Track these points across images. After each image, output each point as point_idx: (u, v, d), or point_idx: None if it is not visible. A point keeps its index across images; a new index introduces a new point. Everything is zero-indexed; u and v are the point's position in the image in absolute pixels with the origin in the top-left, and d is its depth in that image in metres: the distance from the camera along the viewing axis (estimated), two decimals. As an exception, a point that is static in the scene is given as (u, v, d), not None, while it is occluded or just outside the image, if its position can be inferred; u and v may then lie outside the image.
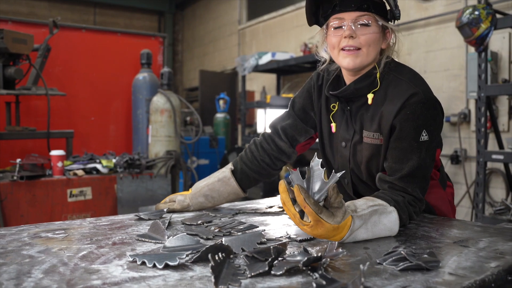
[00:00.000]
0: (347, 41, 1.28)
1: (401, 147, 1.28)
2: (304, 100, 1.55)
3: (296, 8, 6.79)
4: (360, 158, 1.40)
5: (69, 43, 3.96)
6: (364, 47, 1.29)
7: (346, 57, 1.30)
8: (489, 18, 3.20)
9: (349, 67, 1.32)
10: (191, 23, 10.10)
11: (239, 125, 8.19)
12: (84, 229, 1.26)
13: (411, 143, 1.27)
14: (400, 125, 1.27)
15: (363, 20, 1.27)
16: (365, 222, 1.13)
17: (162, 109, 3.52)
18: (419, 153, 1.26)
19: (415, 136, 1.26)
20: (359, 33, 1.27)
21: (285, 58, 5.95)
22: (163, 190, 3.40)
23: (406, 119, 1.27)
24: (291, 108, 1.58)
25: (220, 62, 8.89)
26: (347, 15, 1.28)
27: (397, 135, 1.29)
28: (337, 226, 1.06)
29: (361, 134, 1.38)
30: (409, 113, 1.26)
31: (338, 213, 1.06)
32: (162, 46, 4.27)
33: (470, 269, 0.93)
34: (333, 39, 1.31)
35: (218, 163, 6.24)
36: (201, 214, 1.47)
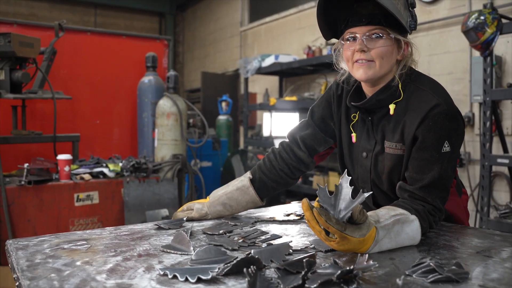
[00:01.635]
0: (359, 55, 1.30)
1: (423, 158, 1.29)
2: (323, 110, 1.56)
3: (299, 11, 6.79)
4: (381, 169, 1.41)
5: (74, 46, 3.96)
6: (377, 60, 1.30)
7: (359, 69, 1.32)
8: (494, 23, 3.21)
9: (362, 79, 1.34)
10: (192, 25, 10.09)
11: (241, 127, 8.19)
12: (105, 240, 1.25)
13: (433, 154, 1.27)
14: (423, 136, 1.28)
15: (375, 33, 1.29)
16: (388, 232, 1.14)
17: (169, 113, 3.52)
18: (440, 164, 1.27)
19: (437, 147, 1.27)
20: (371, 46, 1.29)
21: (289, 60, 5.96)
22: (169, 194, 3.40)
23: (429, 130, 1.28)
24: (310, 117, 1.58)
25: (221, 64, 8.89)
26: (358, 29, 1.30)
27: (419, 145, 1.30)
28: (362, 239, 1.07)
29: (383, 144, 1.39)
30: (431, 124, 1.27)
31: (363, 226, 1.07)
32: (167, 49, 4.27)
33: (499, 281, 0.94)
34: (347, 53, 1.34)
35: (220, 166, 6.24)
36: (220, 223, 1.48)
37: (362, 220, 1.07)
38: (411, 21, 1.31)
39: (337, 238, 1.05)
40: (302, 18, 6.76)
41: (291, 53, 6.45)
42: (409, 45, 1.35)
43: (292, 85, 6.71)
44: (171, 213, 3.38)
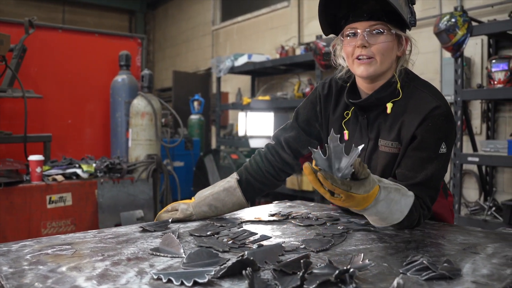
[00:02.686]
0: (360, 51, 1.30)
1: (419, 157, 1.31)
2: (308, 112, 1.56)
3: (271, 10, 6.81)
4: (374, 167, 1.42)
5: (44, 43, 3.83)
6: (378, 56, 1.30)
7: (360, 65, 1.32)
8: (465, 25, 3.31)
9: (363, 76, 1.34)
10: (163, 23, 9.96)
11: (212, 127, 8.14)
12: (90, 244, 1.21)
13: (430, 154, 1.30)
14: (422, 136, 1.31)
15: (376, 29, 1.29)
16: (388, 195, 1.16)
17: (143, 112, 3.46)
18: (436, 165, 1.30)
19: (435, 147, 1.30)
20: (372, 42, 1.29)
21: (262, 60, 5.97)
22: (144, 194, 3.34)
23: (428, 131, 1.30)
24: (295, 119, 1.58)
25: (193, 63, 8.81)
26: (359, 24, 1.30)
27: (416, 145, 1.32)
28: (366, 195, 1.09)
29: (377, 142, 1.40)
30: (431, 125, 1.30)
31: (366, 182, 1.08)
32: (141, 47, 4.19)
33: (489, 277, 0.96)
34: (348, 48, 1.34)
35: (193, 166, 6.19)
36: (206, 224, 1.46)
37: (364, 173, 1.07)
38: (411, 17, 1.32)
39: (342, 197, 1.06)
40: (275, 18, 6.77)
41: (263, 53, 6.46)
42: (408, 41, 1.37)
43: (264, 84, 6.72)
44: (146, 214, 3.32)
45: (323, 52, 4.69)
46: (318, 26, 5.04)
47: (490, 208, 3.46)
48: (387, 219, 1.22)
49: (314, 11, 6.04)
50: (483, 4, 4.01)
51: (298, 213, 1.66)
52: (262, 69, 6.16)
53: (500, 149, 3.37)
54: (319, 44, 4.68)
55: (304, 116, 1.57)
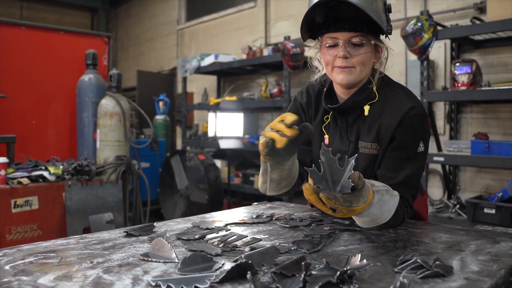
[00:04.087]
0: (341, 61, 1.32)
1: (399, 157, 1.34)
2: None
3: (238, 10, 6.80)
4: (355, 169, 1.44)
5: (6, 40, 3.66)
6: (358, 66, 1.33)
7: (340, 74, 1.34)
8: (431, 29, 3.42)
9: (342, 84, 1.37)
10: (126, 22, 9.74)
11: (177, 127, 8.04)
12: (75, 250, 1.17)
13: (409, 154, 1.34)
14: (400, 137, 1.34)
15: (357, 40, 1.31)
16: (380, 198, 1.19)
17: (112, 113, 3.38)
18: (415, 163, 1.34)
19: (414, 147, 1.34)
20: (353, 53, 1.32)
21: (229, 60, 5.95)
22: (114, 197, 3.26)
23: (406, 131, 1.33)
24: None
25: (157, 63, 8.67)
26: (340, 35, 1.32)
27: (396, 145, 1.35)
28: (365, 205, 1.12)
29: (357, 144, 1.43)
30: (408, 126, 1.33)
31: (364, 192, 1.11)
32: (107, 46, 4.08)
33: (479, 273, 0.99)
34: (328, 57, 1.36)
35: (159, 167, 6.09)
36: (191, 228, 1.43)
37: (361, 183, 1.10)
38: (387, 25, 1.36)
39: (344, 212, 1.09)
40: (241, 18, 6.77)
41: (229, 53, 6.44)
42: (383, 49, 1.39)
43: (230, 85, 6.70)
44: (116, 217, 3.24)
45: (292, 53, 4.72)
46: (285, 27, 5.11)
47: (454, 206, 3.59)
48: (377, 220, 1.25)
49: (281, 12, 6.08)
50: (445, 9, 4.15)
51: (281, 214, 1.67)
52: (228, 70, 6.14)
53: (463, 149, 3.51)
54: (287, 45, 4.71)
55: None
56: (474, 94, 3.28)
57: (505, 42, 3.70)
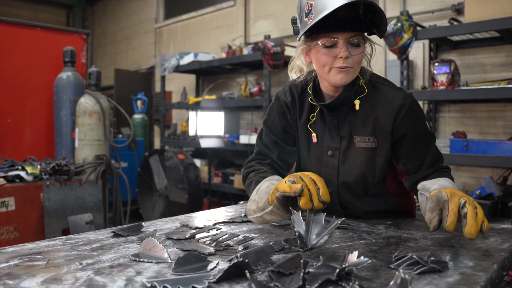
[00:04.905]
0: (342, 62, 1.30)
1: (420, 146, 1.41)
2: (280, 122, 1.55)
3: (217, 9, 6.76)
4: (351, 164, 1.44)
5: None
6: (355, 66, 1.33)
7: (338, 74, 1.32)
8: (410, 30, 3.47)
9: (341, 84, 1.35)
10: (103, 19, 9.57)
11: (155, 126, 7.95)
12: (62, 252, 1.13)
13: (426, 137, 1.42)
14: (412, 128, 1.39)
15: (355, 40, 1.30)
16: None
17: (91, 111, 3.30)
18: (432, 142, 1.44)
19: (426, 130, 1.42)
20: (353, 53, 1.30)
21: (208, 59, 5.91)
22: (93, 197, 3.19)
23: (414, 121, 1.39)
24: (273, 135, 1.56)
25: (134, 61, 8.55)
26: (340, 35, 1.29)
27: (413, 139, 1.40)
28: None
29: (351, 140, 1.43)
30: (413, 115, 1.38)
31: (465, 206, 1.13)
32: (86, 43, 3.99)
33: (473, 268, 1.00)
34: (325, 58, 1.32)
35: (137, 166, 6.01)
36: (180, 227, 1.41)
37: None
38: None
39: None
40: (220, 17, 6.73)
41: (208, 52, 6.40)
42: (369, 45, 1.40)
43: (209, 84, 6.66)
44: (95, 218, 3.18)
45: (272, 52, 4.72)
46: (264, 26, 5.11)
47: (433, 203, 3.64)
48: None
49: (260, 11, 6.07)
50: (424, 10, 4.22)
51: (269, 212, 1.65)
52: (208, 68, 6.11)
53: (442, 147, 3.56)
54: (267, 44, 4.70)
55: (278, 127, 1.55)
56: (453, 94, 3.34)
57: (482, 43, 3.79)
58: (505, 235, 1.31)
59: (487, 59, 3.81)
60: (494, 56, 3.78)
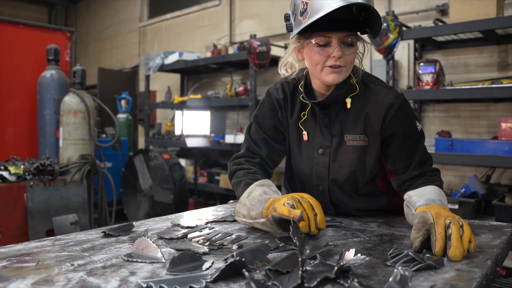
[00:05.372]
0: (335, 61, 1.30)
1: (408, 145, 1.40)
2: (270, 119, 1.54)
3: (202, 8, 6.72)
4: (342, 162, 1.44)
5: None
6: (347, 65, 1.33)
7: (331, 73, 1.32)
8: (396, 30, 3.49)
9: (333, 83, 1.35)
10: (86, 18, 9.43)
11: (139, 126, 7.88)
12: (51, 253, 1.10)
13: (415, 137, 1.41)
14: (401, 128, 1.39)
15: (349, 40, 1.30)
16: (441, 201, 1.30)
17: (76, 110, 3.25)
18: (421, 142, 1.43)
19: (415, 130, 1.41)
20: (346, 53, 1.30)
21: (193, 58, 5.87)
22: (78, 197, 3.13)
23: (402, 121, 1.38)
24: (260, 131, 1.54)
25: (118, 60, 8.45)
26: (334, 35, 1.28)
27: (401, 138, 1.40)
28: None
29: (342, 138, 1.43)
30: (402, 115, 1.38)
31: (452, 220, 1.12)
32: (70, 41, 3.92)
33: (468, 264, 1.01)
34: (318, 57, 1.32)
35: (122, 166, 5.94)
36: (172, 226, 1.39)
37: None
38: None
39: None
40: (205, 16, 6.70)
41: (193, 51, 6.37)
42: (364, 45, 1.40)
43: (194, 83, 6.63)
44: (80, 218, 3.12)
45: (258, 51, 4.71)
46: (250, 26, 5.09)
47: (418, 201, 3.67)
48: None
49: (246, 11, 6.06)
50: (409, 10, 4.26)
51: (260, 211, 1.64)
52: (192, 68, 6.07)
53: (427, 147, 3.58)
54: (253, 44, 4.69)
55: (268, 124, 1.54)
56: (438, 93, 3.37)
57: (466, 43, 3.84)
58: (496, 231, 1.32)
59: (471, 60, 3.87)
60: (477, 56, 3.84)
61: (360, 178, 1.46)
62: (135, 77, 8.07)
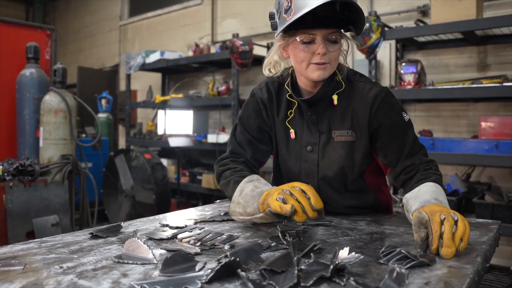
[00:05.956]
0: (320, 58, 1.31)
1: (396, 136, 1.41)
2: (255, 119, 1.54)
3: (184, 7, 6.67)
4: (330, 159, 1.45)
5: None
6: (332, 62, 1.35)
7: (316, 70, 1.34)
8: (379, 30, 3.53)
9: (317, 80, 1.36)
10: (65, 16, 9.26)
11: (120, 126, 7.78)
12: (39, 255, 1.07)
13: (402, 127, 1.42)
14: (387, 120, 1.40)
15: (333, 37, 1.31)
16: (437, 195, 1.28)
17: (57, 109, 3.18)
18: (410, 131, 1.43)
19: (401, 120, 1.42)
20: (331, 50, 1.32)
21: (175, 57, 5.83)
22: (60, 198, 3.07)
23: (387, 112, 1.40)
24: (247, 133, 1.54)
25: (98, 59, 8.33)
26: (318, 32, 1.30)
27: (387, 129, 1.41)
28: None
29: (330, 134, 1.44)
30: (387, 106, 1.40)
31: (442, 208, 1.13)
32: (50, 39, 3.83)
33: (459, 261, 1.02)
34: (303, 54, 1.33)
35: (102, 166, 5.86)
36: (160, 227, 1.37)
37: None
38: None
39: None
40: (187, 15, 6.66)
41: (175, 50, 6.32)
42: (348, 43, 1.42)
43: (176, 82, 6.58)
44: (62, 220, 3.06)
45: (240, 51, 4.70)
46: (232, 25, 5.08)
47: (401, 200, 3.73)
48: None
49: (228, 10, 6.04)
50: (390, 11, 4.31)
51: (248, 211, 1.64)
52: (174, 67, 6.02)
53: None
54: (236, 43, 4.68)
55: (253, 125, 1.54)
56: (420, 93, 3.42)
57: (446, 44, 3.90)
58: (482, 228, 1.34)
59: (451, 60, 3.93)
60: (457, 57, 3.90)
61: (349, 174, 1.47)
62: (115, 76, 7.97)
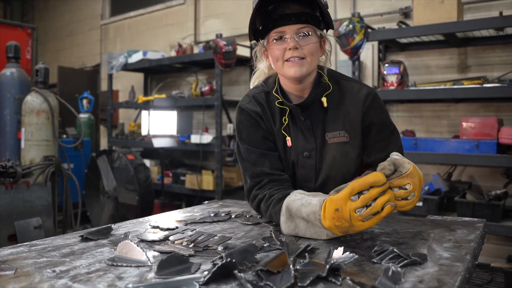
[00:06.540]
0: (292, 53, 1.33)
1: (384, 135, 1.45)
2: (257, 133, 1.48)
3: (166, 7, 6.62)
4: (327, 162, 1.45)
5: None
6: (308, 57, 1.35)
7: (292, 67, 1.34)
8: (362, 31, 3.57)
9: (296, 76, 1.35)
10: (44, 14, 9.10)
11: (101, 126, 7.68)
12: (29, 259, 1.05)
13: (389, 127, 1.46)
14: (377, 119, 1.43)
15: (304, 31, 1.34)
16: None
17: (39, 110, 3.13)
18: (395, 132, 1.48)
19: (390, 122, 1.47)
20: (302, 44, 1.33)
21: (158, 57, 5.78)
22: (42, 200, 3.02)
23: (377, 112, 1.43)
24: (256, 149, 1.46)
25: (78, 59, 8.21)
26: (288, 28, 1.33)
27: (377, 129, 1.44)
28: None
29: (323, 138, 1.44)
30: (376, 107, 1.43)
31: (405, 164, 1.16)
32: (31, 38, 3.76)
33: (449, 259, 1.04)
34: (276, 52, 1.35)
35: (84, 167, 5.78)
36: (151, 229, 1.36)
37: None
38: (330, 21, 1.41)
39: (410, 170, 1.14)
40: (170, 15, 6.61)
41: (157, 50, 6.28)
42: (327, 41, 1.43)
43: (158, 82, 6.53)
44: (44, 222, 3.02)
45: (224, 51, 4.69)
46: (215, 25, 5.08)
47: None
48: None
49: (211, 10, 6.02)
50: (373, 12, 4.37)
51: (238, 211, 1.65)
52: (157, 67, 5.98)
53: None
54: (219, 43, 4.67)
55: (257, 139, 1.47)
56: (403, 94, 3.47)
57: (428, 45, 3.97)
58: (469, 227, 1.37)
59: (433, 61, 4.00)
60: (438, 58, 3.97)
61: (346, 176, 1.46)
62: (96, 76, 7.87)
